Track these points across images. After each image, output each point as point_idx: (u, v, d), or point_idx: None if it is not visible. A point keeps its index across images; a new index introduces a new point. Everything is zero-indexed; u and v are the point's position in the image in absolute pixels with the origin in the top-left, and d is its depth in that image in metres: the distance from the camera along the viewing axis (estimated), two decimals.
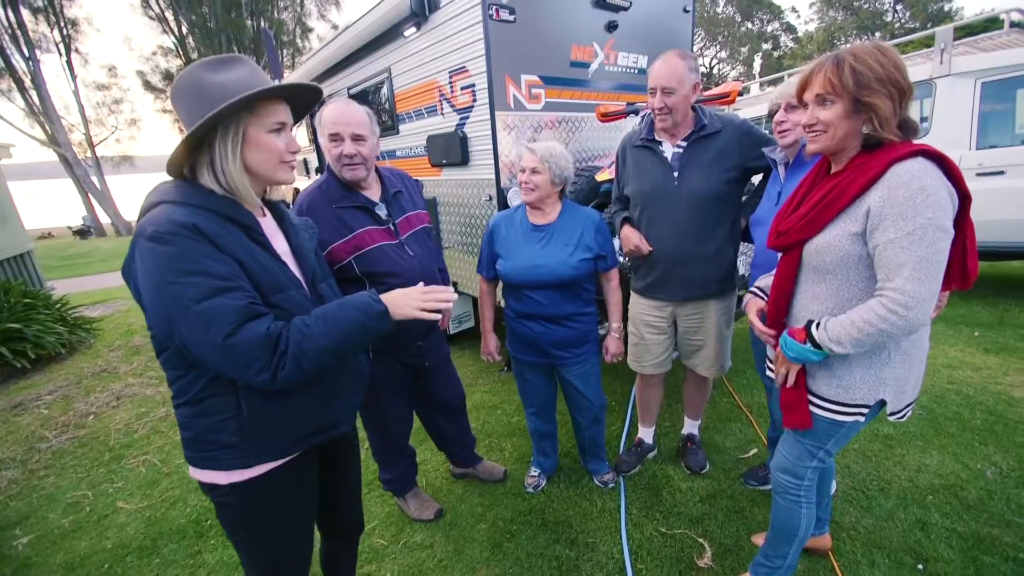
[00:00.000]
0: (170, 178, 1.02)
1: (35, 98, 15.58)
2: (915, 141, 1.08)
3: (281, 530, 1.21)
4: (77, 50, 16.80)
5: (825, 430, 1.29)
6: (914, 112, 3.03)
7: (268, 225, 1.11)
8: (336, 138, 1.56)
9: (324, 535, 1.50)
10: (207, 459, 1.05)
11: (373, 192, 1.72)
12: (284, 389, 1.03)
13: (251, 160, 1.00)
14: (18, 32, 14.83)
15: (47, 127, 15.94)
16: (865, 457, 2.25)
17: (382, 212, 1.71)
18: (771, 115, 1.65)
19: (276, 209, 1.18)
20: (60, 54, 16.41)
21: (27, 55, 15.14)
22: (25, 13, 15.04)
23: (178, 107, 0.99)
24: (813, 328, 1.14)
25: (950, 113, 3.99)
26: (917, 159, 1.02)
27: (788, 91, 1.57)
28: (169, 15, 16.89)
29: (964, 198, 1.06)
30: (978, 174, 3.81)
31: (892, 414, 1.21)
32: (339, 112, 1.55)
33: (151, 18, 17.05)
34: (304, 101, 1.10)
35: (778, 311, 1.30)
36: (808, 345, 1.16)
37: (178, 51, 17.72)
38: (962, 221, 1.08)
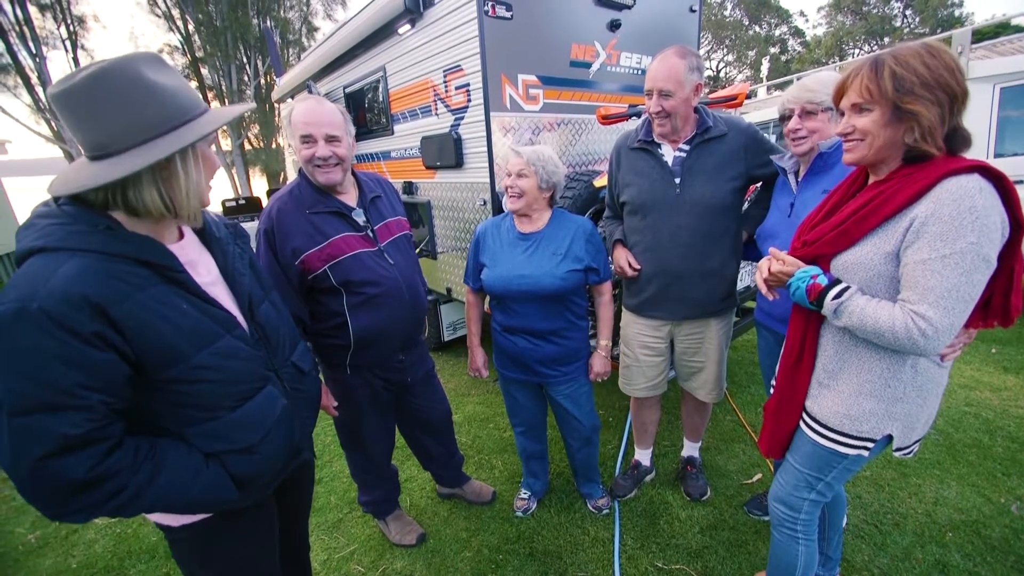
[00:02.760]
0: (48, 201, 0.83)
1: (41, 94, 15.61)
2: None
3: (241, 570, 1.11)
4: (83, 47, 16.80)
5: (826, 460, 1.18)
6: None
7: (189, 249, 0.96)
8: (308, 139, 1.44)
9: None
10: None
11: (349, 197, 1.60)
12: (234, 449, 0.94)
13: (202, 179, 0.91)
14: (25, 29, 14.86)
15: (53, 124, 15.96)
16: (878, 486, 2.10)
17: (359, 218, 1.59)
18: (783, 118, 1.51)
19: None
20: (67, 51, 16.43)
21: (34, 52, 15.17)
22: (32, 10, 15.07)
23: (104, 106, 0.77)
24: (829, 297, 1.03)
25: (967, 119, 3.83)
26: (973, 175, 0.91)
27: (802, 96, 1.44)
28: (175, 13, 16.86)
29: (1017, 227, 0.94)
30: None
31: (898, 450, 1.12)
32: (310, 111, 1.43)
33: (157, 15, 17.02)
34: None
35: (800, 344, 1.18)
36: (812, 301, 1.07)
37: (184, 49, 17.70)
38: (1011, 253, 0.96)
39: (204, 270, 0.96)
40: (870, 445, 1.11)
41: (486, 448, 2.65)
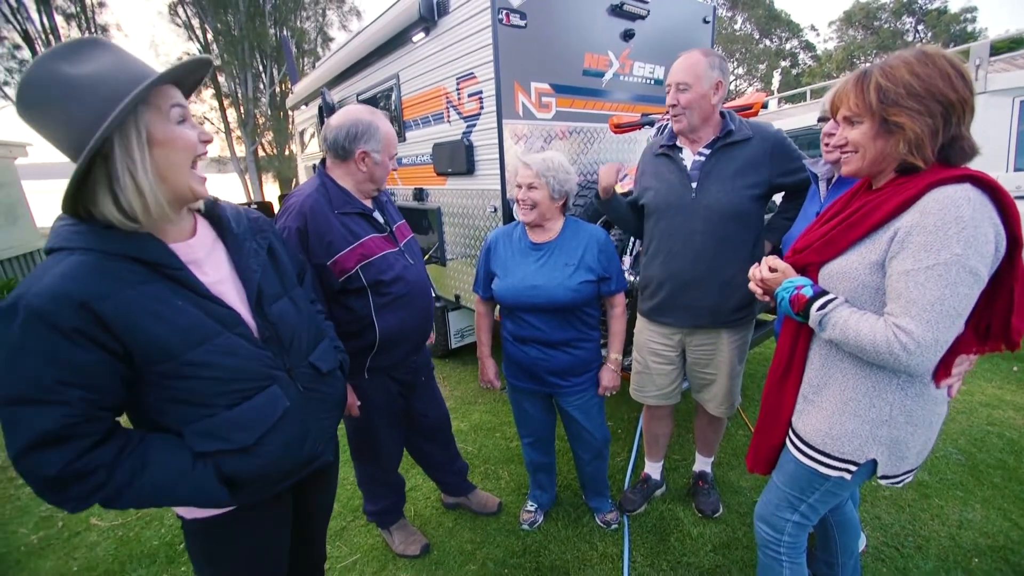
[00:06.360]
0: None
1: None
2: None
3: (247, 570, 1.10)
4: None
5: (807, 480, 1.13)
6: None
7: (198, 248, 0.92)
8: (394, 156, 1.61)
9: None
10: None
11: (367, 200, 1.63)
12: (242, 449, 0.91)
13: (162, 165, 0.80)
14: (51, 37, 15.31)
15: None
16: (898, 507, 2.03)
17: (379, 218, 1.62)
18: (821, 120, 1.49)
19: (214, 215, 0.99)
20: None
21: None
22: (59, 19, 15.54)
23: (43, 120, 0.74)
24: (813, 308, 1.01)
25: (985, 132, 3.78)
26: (963, 185, 0.87)
27: None
28: (195, 22, 17.29)
29: (1014, 243, 0.89)
30: (1017, 197, 3.57)
31: (885, 478, 1.05)
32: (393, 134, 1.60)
33: (178, 25, 17.45)
34: (192, 78, 0.88)
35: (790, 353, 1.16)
36: (798, 312, 1.05)
37: None
38: (1009, 271, 0.91)
39: (211, 268, 0.93)
40: (852, 468, 1.06)
41: (492, 458, 2.60)
